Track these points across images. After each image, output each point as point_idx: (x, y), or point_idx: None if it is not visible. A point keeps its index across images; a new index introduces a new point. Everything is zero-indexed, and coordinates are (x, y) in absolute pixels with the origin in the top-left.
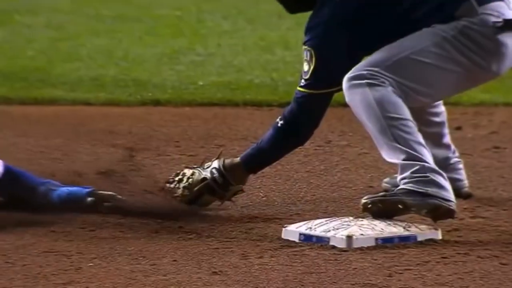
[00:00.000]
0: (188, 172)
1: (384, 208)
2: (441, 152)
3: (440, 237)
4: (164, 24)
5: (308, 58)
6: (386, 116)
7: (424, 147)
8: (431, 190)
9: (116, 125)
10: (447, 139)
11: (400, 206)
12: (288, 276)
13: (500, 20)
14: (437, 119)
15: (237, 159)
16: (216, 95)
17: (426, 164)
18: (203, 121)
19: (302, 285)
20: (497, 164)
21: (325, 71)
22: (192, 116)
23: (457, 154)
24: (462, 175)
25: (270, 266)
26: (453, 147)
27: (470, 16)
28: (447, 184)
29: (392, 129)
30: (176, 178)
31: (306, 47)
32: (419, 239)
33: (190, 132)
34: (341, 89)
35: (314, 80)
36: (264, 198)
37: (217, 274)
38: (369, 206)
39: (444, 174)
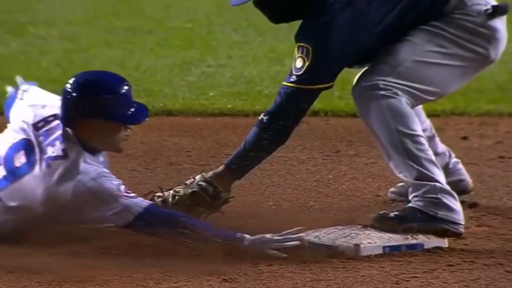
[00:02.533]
0: (168, 193)
1: (391, 230)
2: (439, 161)
3: (446, 245)
4: (175, 36)
5: (304, 54)
6: (399, 131)
7: (435, 165)
8: (441, 213)
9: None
10: (441, 147)
11: (408, 233)
12: (297, 284)
13: (489, 7)
14: (426, 134)
15: (220, 168)
16: (227, 105)
17: (437, 184)
18: (214, 131)
19: None
20: (502, 173)
21: (320, 68)
22: (203, 126)
23: (453, 155)
24: (464, 174)
25: (279, 274)
26: (447, 151)
27: (461, 9)
28: (457, 205)
29: (405, 145)
30: (158, 200)
31: (302, 44)
32: (426, 247)
33: (201, 142)
34: (329, 87)
35: (307, 76)
36: (273, 207)
37: (227, 282)
38: (377, 225)
39: (455, 195)
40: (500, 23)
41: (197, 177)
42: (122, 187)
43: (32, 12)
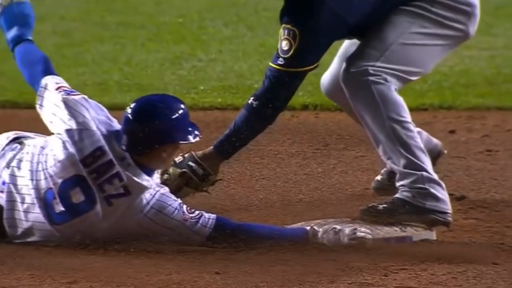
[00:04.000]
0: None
1: (381, 223)
2: None
3: (434, 237)
4: (166, 30)
5: (291, 36)
6: (390, 118)
7: (424, 152)
8: (429, 203)
9: None
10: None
11: (397, 225)
12: (288, 276)
13: None
14: None
15: (209, 148)
16: (217, 99)
17: (425, 173)
18: (205, 125)
19: (301, 285)
20: (489, 166)
21: (307, 52)
22: (193, 120)
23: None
24: (431, 139)
25: (270, 266)
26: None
27: None
28: (444, 194)
29: (395, 132)
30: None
31: (289, 26)
32: (414, 239)
33: None
34: (316, 68)
35: (295, 59)
36: (264, 200)
37: (218, 274)
38: (366, 218)
39: (442, 184)
40: None
41: (187, 156)
42: (184, 207)
43: None
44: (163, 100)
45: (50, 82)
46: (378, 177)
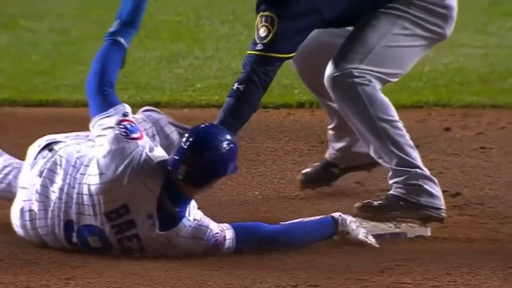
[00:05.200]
0: None
1: (376, 219)
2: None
3: (429, 234)
4: (163, 28)
5: (269, 22)
6: (379, 118)
7: (415, 149)
8: (423, 200)
9: None
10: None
11: (392, 221)
12: (283, 270)
13: None
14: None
15: None
16: (214, 97)
17: (418, 170)
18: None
19: (297, 280)
20: (484, 163)
21: (284, 36)
22: (190, 118)
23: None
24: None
25: (266, 262)
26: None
27: None
28: (437, 190)
29: (386, 131)
30: None
31: (266, 13)
32: (409, 235)
33: None
34: (291, 57)
35: (273, 43)
36: (260, 196)
37: (216, 270)
38: (361, 214)
39: (435, 180)
40: (454, 1)
41: None
42: (217, 239)
43: (23, 5)
44: (220, 130)
45: (118, 112)
46: (308, 169)
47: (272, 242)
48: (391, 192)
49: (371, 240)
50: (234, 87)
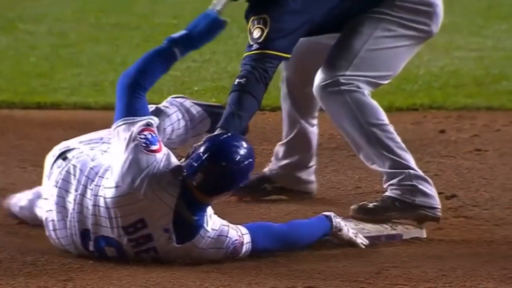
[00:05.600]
0: None
1: (372, 221)
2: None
3: (425, 235)
4: (161, 31)
5: (262, 24)
6: (369, 123)
7: (407, 151)
8: (418, 200)
9: None
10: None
11: (388, 223)
12: (280, 272)
13: None
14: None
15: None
16: (211, 99)
17: (411, 171)
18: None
19: (293, 281)
20: (479, 165)
21: (278, 35)
22: None
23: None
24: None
25: (262, 264)
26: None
27: None
28: (432, 190)
29: (376, 136)
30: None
31: (257, 16)
32: (405, 237)
33: None
34: (287, 58)
35: (267, 41)
36: (257, 198)
37: (213, 272)
38: (357, 216)
39: (429, 180)
40: None
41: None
42: (236, 246)
43: (21, 8)
44: (239, 141)
45: (142, 120)
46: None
47: (282, 241)
48: (386, 194)
49: (361, 238)
50: (236, 82)
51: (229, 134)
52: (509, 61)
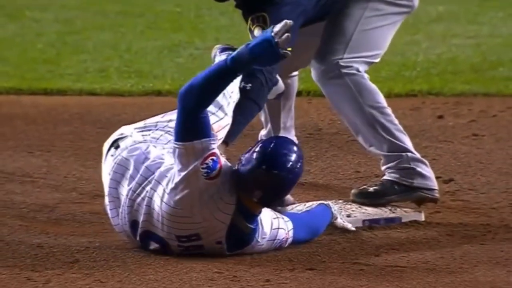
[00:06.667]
0: None
1: (372, 204)
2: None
3: (423, 218)
4: (165, 19)
5: (261, 22)
6: (368, 105)
7: (405, 134)
8: (416, 182)
9: (120, 113)
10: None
11: (387, 206)
12: (280, 255)
13: None
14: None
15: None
16: None
17: (409, 154)
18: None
19: (294, 263)
20: (476, 150)
21: None
22: None
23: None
24: None
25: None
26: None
27: None
28: (429, 171)
29: (376, 118)
30: None
31: (256, 14)
32: (403, 220)
33: None
34: (289, 52)
35: None
36: None
37: (214, 255)
38: (357, 200)
39: (426, 162)
40: None
41: None
42: (286, 239)
43: None
44: (289, 145)
45: (205, 147)
46: None
47: (311, 231)
48: (385, 177)
49: (347, 225)
50: (241, 86)
51: (276, 141)
52: (505, 48)
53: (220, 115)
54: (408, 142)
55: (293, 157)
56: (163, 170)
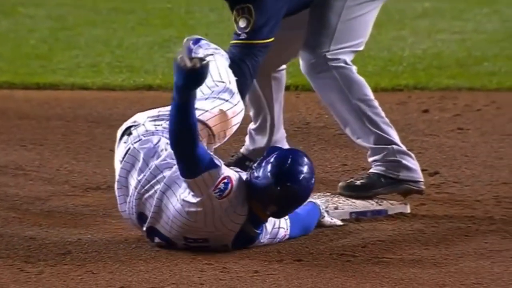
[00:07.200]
0: None
1: (359, 197)
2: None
3: (409, 211)
4: (155, 15)
5: (247, 13)
6: (356, 98)
7: (391, 127)
8: (402, 174)
9: (112, 108)
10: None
11: (374, 199)
12: (268, 247)
13: None
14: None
15: None
16: None
17: (395, 146)
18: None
19: (282, 255)
20: (461, 144)
21: (263, 23)
22: None
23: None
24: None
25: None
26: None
27: None
28: (415, 164)
29: (363, 111)
30: None
31: (241, 5)
32: (390, 212)
33: None
34: (271, 43)
35: (255, 31)
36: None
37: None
38: (344, 193)
39: (412, 154)
40: None
41: None
42: (282, 232)
43: None
44: (300, 157)
45: (213, 176)
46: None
47: (303, 228)
48: (371, 170)
49: (336, 222)
50: None
51: (292, 157)
52: (490, 43)
53: (234, 101)
54: (394, 135)
55: (309, 173)
56: (174, 176)
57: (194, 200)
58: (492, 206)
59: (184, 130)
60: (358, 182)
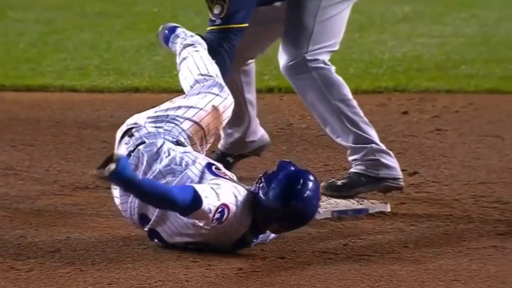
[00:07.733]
0: None
1: (340, 197)
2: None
3: (389, 209)
4: (142, 19)
5: (220, 0)
6: (335, 98)
7: (370, 126)
8: (382, 173)
9: (100, 109)
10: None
11: (355, 198)
12: (253, 246)
13: None
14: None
15: None
16: None
17: (374, 145)
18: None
19: (265, 253)
20: (439, 144)
21: (237, 8)
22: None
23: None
24: (259, 129)
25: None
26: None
27: None
28: (394, 161)
29: (342, 111)
30: None
31: None
32: (370, 211)
33: None
34: (246, 28)
35: (229, 16)
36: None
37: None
38: (326, 193)
39: (390, 152)
40: None
41: None
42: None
43: None
44: (302, 172)
45: (208, 207)
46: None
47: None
48: (352, 170)
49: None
50: None
51: (303, 181)
52: (468, 47)
53: (224, 95)
54: (373, 134)
55: (316, 194)
56: (179, 184)
57: (199, 223)
58: (470, 205)
59: (153, 199)
60: (339, 183)
